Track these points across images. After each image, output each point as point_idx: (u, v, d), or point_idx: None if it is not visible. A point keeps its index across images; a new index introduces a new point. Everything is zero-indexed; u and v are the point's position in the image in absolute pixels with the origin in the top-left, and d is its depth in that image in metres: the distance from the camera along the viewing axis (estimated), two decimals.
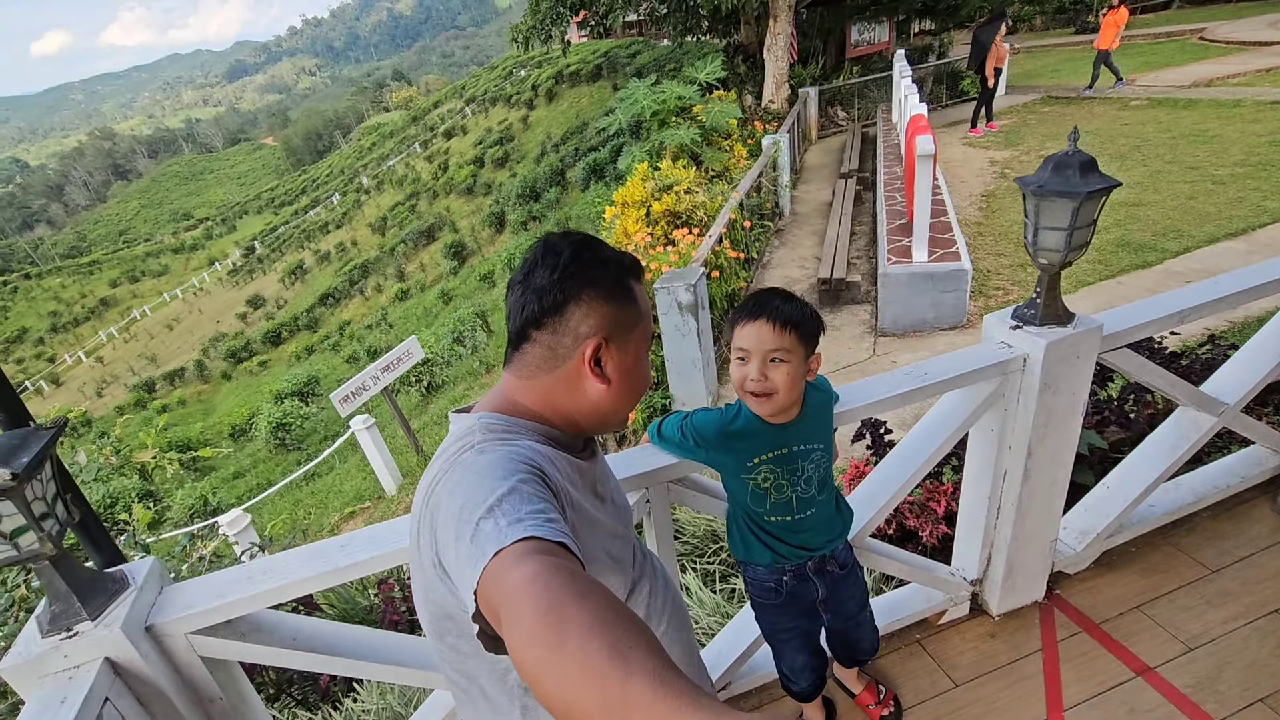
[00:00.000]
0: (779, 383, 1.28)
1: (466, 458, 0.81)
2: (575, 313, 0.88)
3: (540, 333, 0.90)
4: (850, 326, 5.67)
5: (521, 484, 0.73)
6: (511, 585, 0.57)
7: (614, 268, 0.92)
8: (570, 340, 0.89)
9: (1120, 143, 8.93)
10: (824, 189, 9.77)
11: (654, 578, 1.10)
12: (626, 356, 0.93)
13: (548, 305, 0.88)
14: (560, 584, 0.55)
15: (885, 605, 2.08)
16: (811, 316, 1.31)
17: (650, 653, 0.48)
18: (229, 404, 21.45)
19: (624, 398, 0.95)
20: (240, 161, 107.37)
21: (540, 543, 0.63)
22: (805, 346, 1.30)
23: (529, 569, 0.58)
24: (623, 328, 0.91)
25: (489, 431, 0.86)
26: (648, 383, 1.00)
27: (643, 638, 0.50)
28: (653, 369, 1.12)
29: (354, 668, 1.38)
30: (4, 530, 1.06)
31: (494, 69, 54.08)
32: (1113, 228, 6.42)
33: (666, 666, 0.47)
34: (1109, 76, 11.61)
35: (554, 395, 0.92)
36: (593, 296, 0.88)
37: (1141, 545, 2.26)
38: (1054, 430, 1.77)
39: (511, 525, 0.66)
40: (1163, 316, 1.78)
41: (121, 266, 58.73)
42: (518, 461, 0.79)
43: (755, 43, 14.72)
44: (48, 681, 1.12)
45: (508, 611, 0.56)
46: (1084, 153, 1.50)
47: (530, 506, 0.69)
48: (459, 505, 0.73)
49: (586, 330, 0.89)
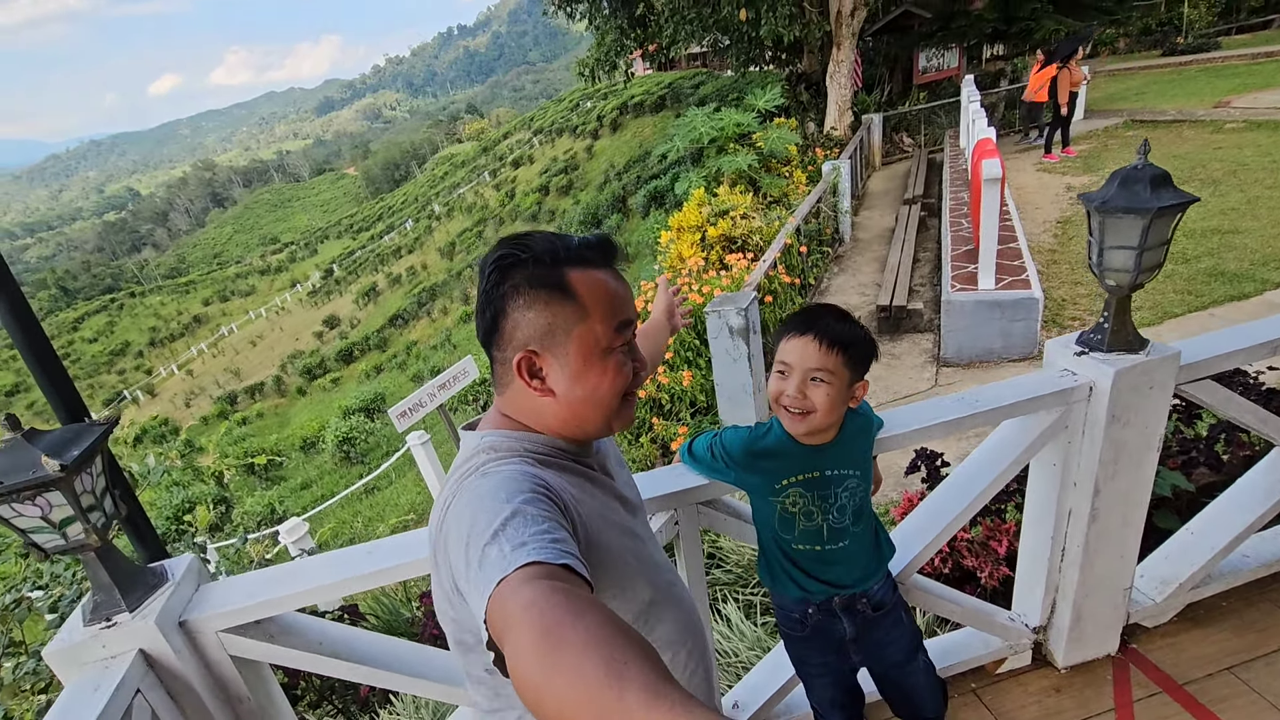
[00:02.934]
0: (817, 403, 1.22)
1: (471, 481, 0.81)
2: (505, 325, 0.85)
3: (493, 351, 0.89)
4: (911, 355, 5.46)
5: (525, 505, 0.73)
6: (511, 613, 0.58)
7: (538, 264, 0.84)
8: (511, 353, 0.86)
9: (1214, 167, 8.37)
10: (887, 215, 9.54)
11: (681, 591, 1.07)
12: (569, 362, 0.86)
13: (485, 324, 0.87)
14: (555, 605, 0.56)
15: (937, 648, 1.94)
16: (864, 340, 1.25)
17: (646, 666, 0.49)
18: (302, 418, 22.50)
19: (580, 406, 0.88)
20: (324, 190, 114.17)
21: (542, 567, 0.63)
22: (851, 370, 1.23)
23: (526, 596, 0.59)
24: (558, 332, 0.84)
25: (492, 451, 0.86)
26: (614, 381, 0.89)
27: (638, 651, 0.50)
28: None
29: (377, 677, 1.38)
30: (53, 519, 1.11)
31: (561, 101, 55.87)
32: (1204, 256, 6.00)
33: (662, 679, 0.47)
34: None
35: (522, 408, 0.91)
36: (516, 305, 0.84)
37: (1234, 600, 2.04)
38: (1125, 467, 1.63)
39: (515, 550, 0.66)
40: (1250, 346, 1.63)
41: (214, 286, 63.03)
42: (521, 480, 0.78)
43: (818, 71, 14.68)
44: (86, 669, 1.16)
45: (508, 639, 0.57)
46: (1155, 166, 1.39)
47: (534, 529, 0.69)
48: (466, 531, 0.73)
49: (518, 342, 0.85)
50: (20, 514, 1.09)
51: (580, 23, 16.78)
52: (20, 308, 1.17)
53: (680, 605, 1.04)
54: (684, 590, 1.10)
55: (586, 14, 16.31)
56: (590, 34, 17.23)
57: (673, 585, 1.05)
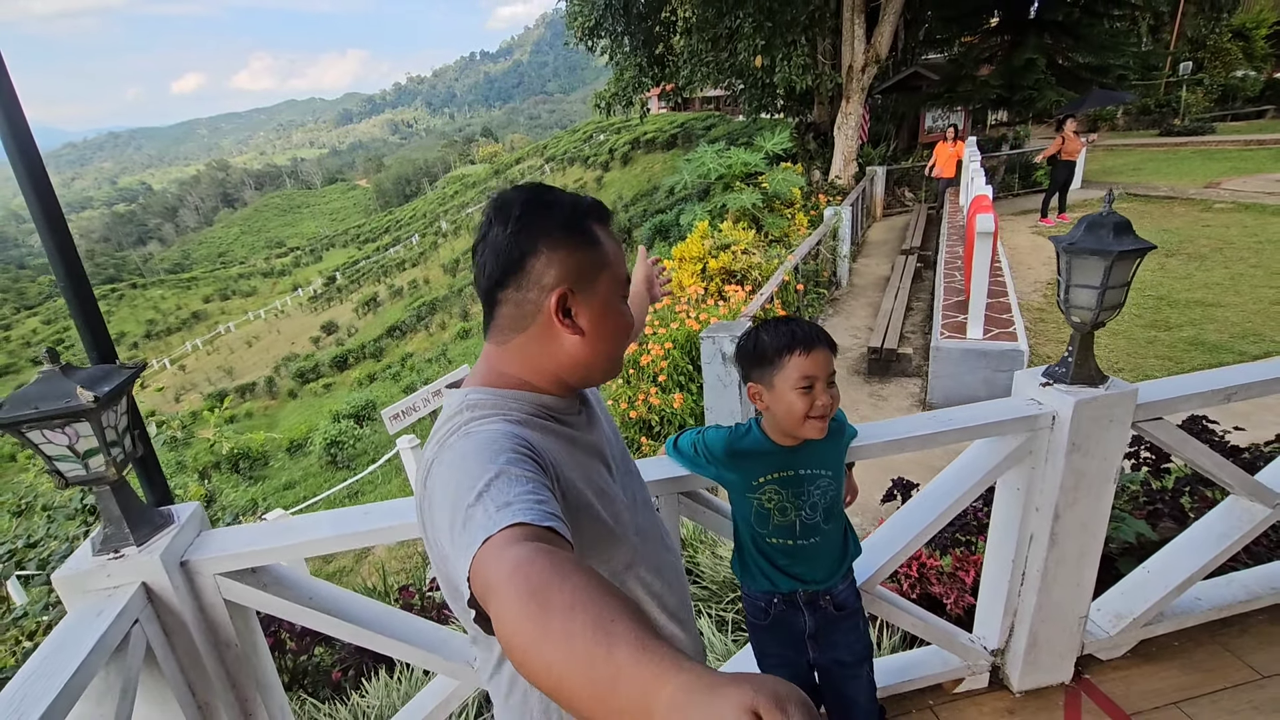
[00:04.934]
0: (836, 402, 1.34)
1: (453, 441, 0.82)
2: (535, 265, 0.86)
3: (505, 292, 0.88)
4: (898, 398, 5.58)
5: (509, 465, 0.74)
6: (496, 574, 0.59)
7: (568, 211, 0.88)
8: (535, 294, 0.87)
9: (1201, 243, 8.65)
10: (884, 264, 9.77)
11: (664, 549, 1.09)
12: (595, 302, 0.90)
13: (506, 262, 0.86)
14: (540, 568, 0.56)
15: (898, 664, 2.01)
16: None
17: (633, 623, 0.49)
18: (291, 420, 22.38)
19: (601, 345, 0.92)
20: (335, 199, 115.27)
21: (527, 528, 0.64)
22: None
23: (511, 557, 0.59)
24: (587, 273, 0.88)
25: (475, 409, 0.87)
26: (627, 329, 0.95)
27: (624, 609, 0.51)
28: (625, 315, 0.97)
29: (360, 635, 1.44)
30: (78, 449, 1.19)
31: (575, 132, 57.03)
32: (1186, 326, 6.18)
33: (650, 634, 0.48)
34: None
35: (532, 355, 0.91)
36: (551, 245, 0.86)
37: (1185, 640, 2.11)
38: (1084, 495, 1.72)
39: (500, 510, 0.66)
40: (1206, 391, 1.74)
41: (216, 284, 63.15)
42: (504, 440, 0.79)
43: (827, 121, 15.13)
44: (90, 596, 1.23)
45: (493, 601, 0.57)
46: (1118, 214, 1.52)
47: (518, 489, 0.70)
48: (452, 492, 0.74)
49: (550, 281, 0.86)
50: (50, 440, 1.17)
51: (601, 57, 17.29)
52: (68, 253, 1.27)
53: (662, 564, 1.06)
54: (670, 555, 1.11)
55: (608, 49, 16.83)
56: (609, 69, 17.75)
57: (654, 544, 1.06)
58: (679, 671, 0.43)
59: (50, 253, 1.25)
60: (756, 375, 1.36)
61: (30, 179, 1.22)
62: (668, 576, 1.07)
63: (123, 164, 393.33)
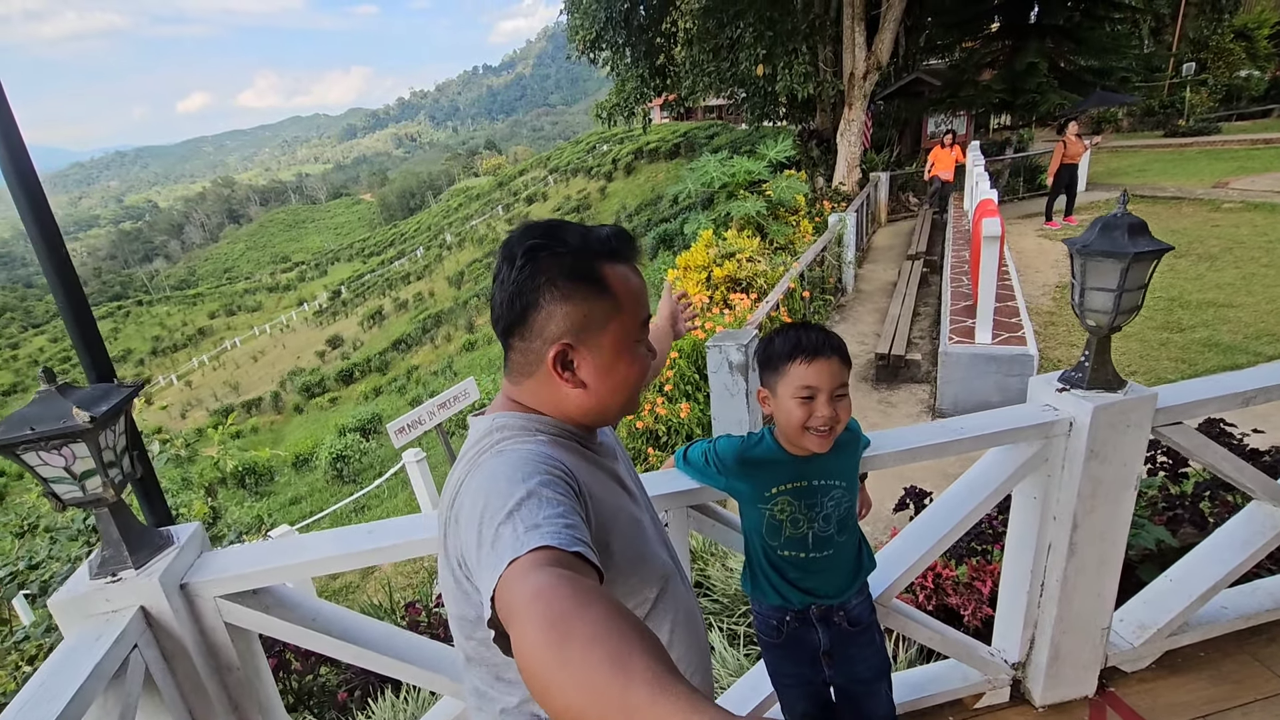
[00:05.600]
0: (842, 416, 1.28)
1: (485, 460, 0.81)
2: (537, 318, 0.84)
3: (512, 340, 0.88)
4: (907, 405, 5.53)
5: (541, 486, 0.73)
6: (519, 597, 0.58)
7: (574, 258, 0.84)
8: (539, 344, 0.85)
9: (1211, 243, 8.58)
10: (889, 270, 9.73)
11: (682, 582, 1.07)
12: (603, 354, 0.87)
13: (511, 314, 0.85)
14: (563, 596, 0.56)
15: (916, 679, 1.96)
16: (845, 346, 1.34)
17: (652, 659, 0.49)
18: (297, 435, 22.42)
19: (609, 396, 0.90)
20: (339, 213, 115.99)
21: (554, 552, 0.63)
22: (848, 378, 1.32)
23: (535, 582, 0.58)
24: (593, 324, 0.85)
25: (506, 430, 0.86)
26: (641, 373, 0.93)
27: (644, 644, 0.50)
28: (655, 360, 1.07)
29: (364, 657, 1.41)
30: (75, 471, 1.17)
31: (578, 143, 57.33)
32: (1199, 327, 6.12)
33: (667, 672, 0.47)
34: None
35: (542, 398, 0.90)
36: (553, 297, 0.83)
37: (1211, 650, 2.06)
38: (1103, 503, 1.68)
39: (529, 532, 0.65)
40: (1226, 394, 1.70)
41: (221, 300, 63.54)
42: (537, 461, 0.78)
43: (830, 128, 15.16)
44: (88, 621, 1.20)
45: (514, 625, 0.56)
46: (1133, 215, 1.49)
47: (548, 511, 0.69)
48: (480, 509, 0.73)
49: (551, 334, 0.84)
50: (46, 462, 1.14)
51: (603, 69, 17.39)
52: (66, 272, 1.26)
53: (681, 599, 1.04)
54: (685, 584, 1.10)
55: (610, 61, 16.92)
56: (611, 80, 17.84)
57: (677, 578, 1.05)
58: (694, 714, 0.43)
59: (48, 272, 1.24)
60: (765, 379, 1.34)
61: (27, 199, 1.21)
62: (686, 605, 1.06)
63: (129, 182, 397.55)
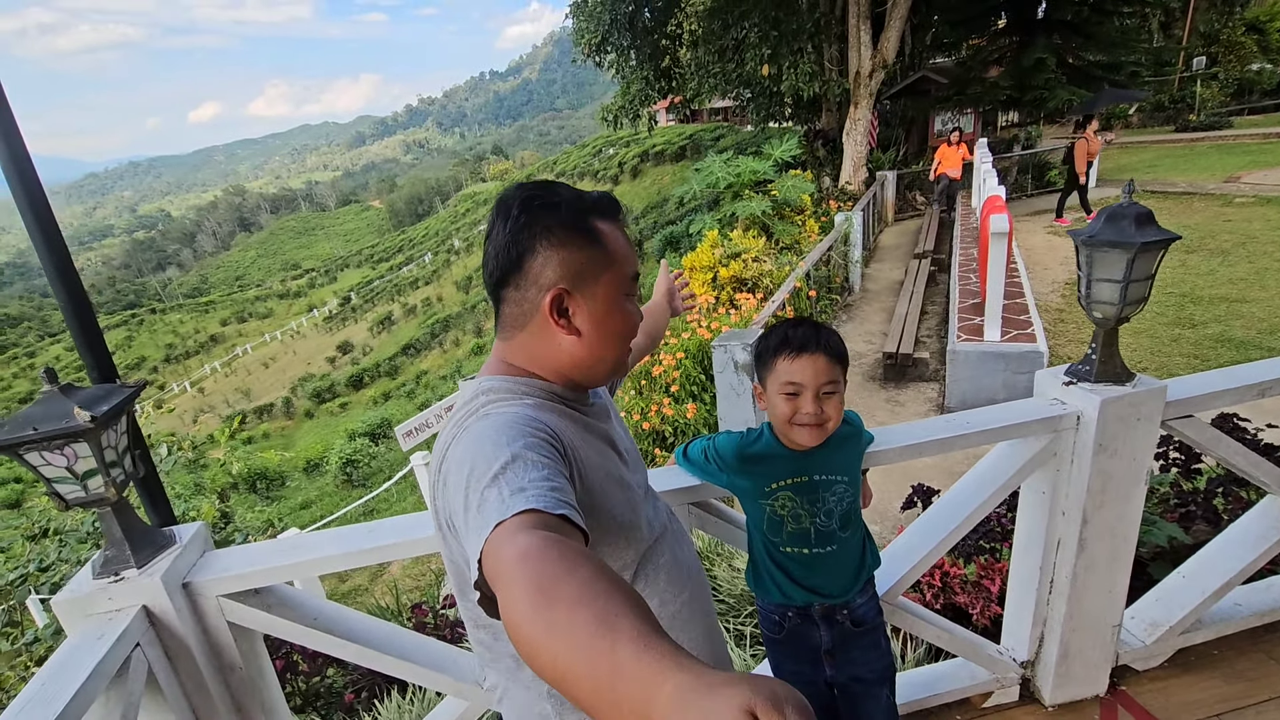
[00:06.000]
0: (831, 413, 1.28)
1: (471, 423, 0.82)
2: (533, 264, 0.85)
3: (507, 290, 0.88)
4: (915, 403, 5.49)
5: (526, 449, 0.73)
6: (506, 560, 0.58)
7: (570, 209, 0.86)
8: (534, 292, 0.86)
9: (1223, 238, 8.47)
10: (897, 269, 9.68)
11: (676, 544, 1.06)
12: (596, 303, 0.88)
13: (506, 262, 0.86)
14: (550, 559, 0.56)
15: (924, 678, 1.93)
16: (843, 344, 1.32)
17: (637, 619, 0.49)
18: (308, 440, 22.57)
19: (601, 346, 0.91)
20: (349, 220, 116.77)
21: (539, 515, 0.63)
22: (844, 375, 1.30)
23: (521, 545, 0.59)
24: (588, 273, 0.87)
25: (492, 394, 0.87)
26: (631, 330, 0.94)
27: (629, 604, 0.51)
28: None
29: (366, 655, 1.41)
30: (77, 470, 1.17)
31: (585, 147, 57.46)
32: (1212, 323, 6.04)
33: (653, 631, 0.48)
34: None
35: (535, 351, 0.90)
36: (549, 244, 0.85)
37: (1225, 648, 2.02)
38: (1113, 498, 1.65)
39: (514, 495, 0.66)
40: (1238, 387, 1.67)
41: (233, 307, 64.06)
42: (522, 424, 0.78)
43: (836, 128, 15.11)
44: (91, 620, 1.21)
45: (501, 588, 0.57)
46: (1139, 205, 1.47)
47: (534, 474, 0.69)
48: (466, 472, 0.73)
49: (547, 280, 0.85)
50: (49, 462, 1.15)
51: (609, 72, 17.42)
52: (68, 273, 1.27)
53: (678, 558, 1.03)
54: (685, 546, 1.09)
55: (615, 64, 16.95)
56: (617, 83, 17.88)
57: (668, 539, 1.04)
58: (678, 670, 0.43)
59: (51, 275, 1.25)
60: (758, 375, 1.36)
61: (30, 204, 1.22)
62: (686, 572, 1.05)
63: (142, 192, 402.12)
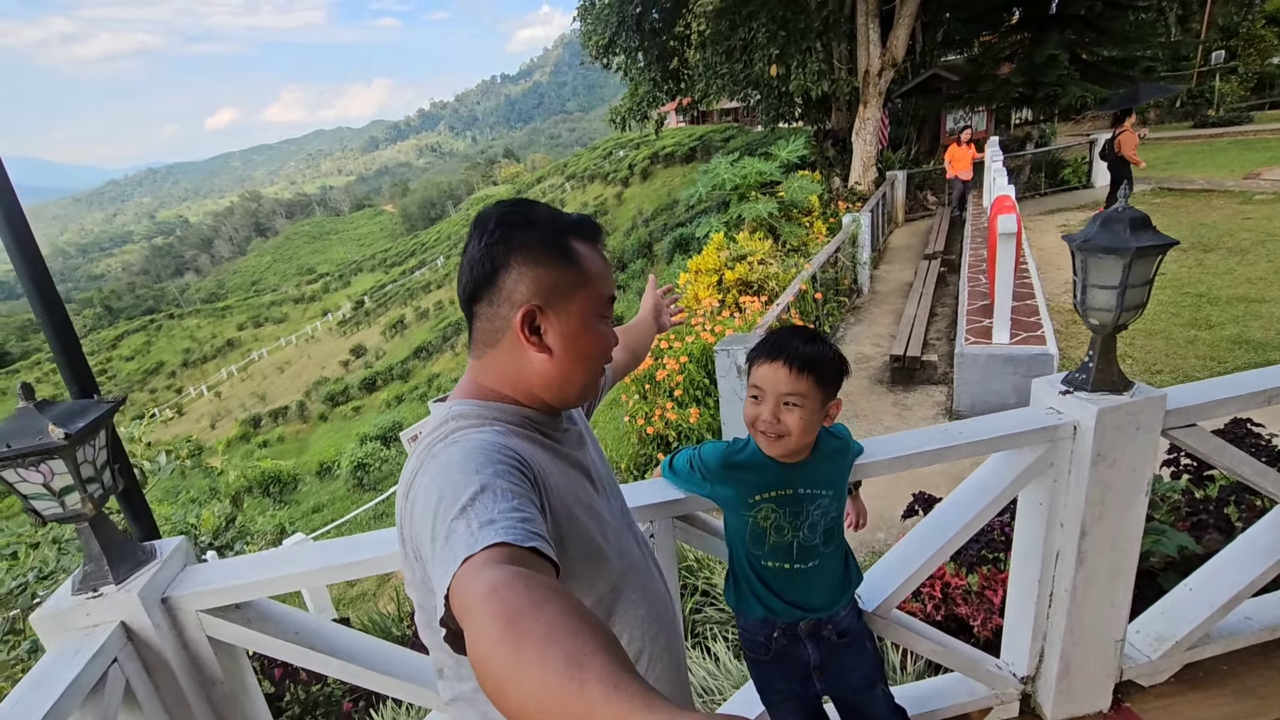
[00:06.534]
0: (791, 426, 1.24)
1: (439, 449, 0.81)
2: (506, 280, 0.85)
3: (479, 306, 0.88)
4: (923, 407, 5.42)
5: (496, 478, 0.72)
6: (474, 596, 0.58)
7: (546, 228, 0.87)
8: (506, 309, 0.86)
9: (1242, 236, 8.31)
10: (906, 270, 9.59)
11: (648, 577, 1.04)
12: (570, 322, 0.88)
13: (479, 276, 0.86)
14: (519, 594, 0.55)
15: (920, 693, 1.90)
16: (832, 360, 1.28)
17: (608, 657, 0.48)
18: (322, 444, 22.77)
19: (571, 366, 0.90)
20: (362, 225, 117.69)
21: (508, 549, 0.62)
22: (823, 391, 1.26)
23: (490, 580, 0.58)
24: (561, 291, 0.87)
25: (461, 419, 0.85)
26: (604, 349, 0.93)
27: (600, 642, 0.50)
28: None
29: (348, 671, 1.40)
30: (54, 487, 1.17)
31: (595, 149, 57.58)
32: (1229, 324, 5.92)
33: (623, 670, 0.47)
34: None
35: (506, 370, 0.90)
36: (522, 261, 0.85)
37: (1235, 664, 1.96)
38: (1113, 509, 1.61)
39: (483, 527, 0.65)
40: (1243, 394, 1.62)
41: (249, 312, 64.81)
42: (491, 451, 0.77)
43: (845, 128, 15.01)
44: (69, 635, 1.21)
45: (469, 625, 0.56)
46: (1135, 209, 1.43)
47: (503, 504, 0.68)
48: (434, 501, 0.72)
49: (519, 297, 0.85)
50: (24, 479, 1.15)
51: (617, 74, 17.43)
52: (45, 288, 1.27)
53: (648, 593, 1.02)
54: (657, 580, 1.07)
55: (623, 65, 16.95)
56: (626, 85, 17.88)
57: (641, 571, 1.03)
58: (649, 711, 0.42)
59: (28, 288, 1.25)
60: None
61: (5, 217, 1.22)
62: (656, 606, 1.03)
63: (161, 198, 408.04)
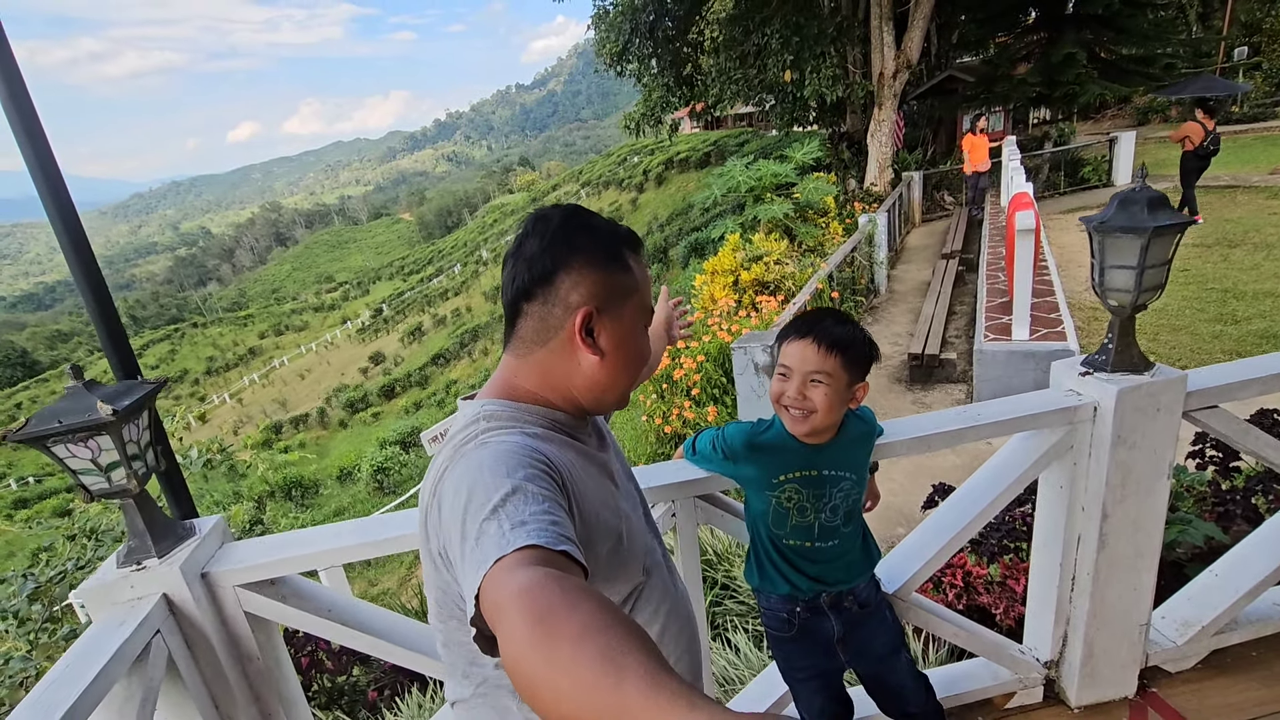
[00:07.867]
0: (818, 403, 1.26)
1: (469, 450, 0.81)
2: (565, 281, 0.86)
3: (531, 304, 0.88)
4: (942, 405, 5.38)
5: (526, 481, 0.72)
6: (506, 598, 0.58)
7: (606, 235, 0.90)
8: (561, 310, 0.87)
9: (1268, 231, 8.17)
10: (924, 269, 9.53)
11: (669, 574, 1.07)
12: (620, 327, 0.90)
13: (537, 274, 0.86)
14: (550, 594, 0.55)
15: (944, 677, 1.89)
16: (862, 342, 1.29)
17: (644, 656, 0.48)
18: (342, 449, 23.02)
19: (619, 371, 0.92)
20: (380, 233, 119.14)
21: (540, 551, 0.63)
22: (850, 372, 1.27)
23: (522, 581, 0.58)
24: (616, 297, 0.89)
25: (492, 420, 0.85)
26: (645, 358, 0.97)
27: (635, 641, 0.50)
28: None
29: (377, 646, 1.43)
30: (101, 463, 1.23)
31: (610, 156, 57.88)
32: (1255, 318, 5.82)
33: (660, 668, 0.47)
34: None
35: (550, 371, 0.90)
36: (583, 264, 0.86)
37: (1264, 650, 1.94)
38: (1134, 492, 1.61)
39: (515, 529, 0.65)
40: (1265, 376, 1.61)
41: (270, 321, 65.80)
42: (522, 454, 0.77)
43: (860, 130, 14.96)
44: (114, 608, 1.26)
45: (502, 626, 0.56)
46: (1152, 189, 1.44)
47: (534, 507, 0.69)
48: (464, 502, 0.72)
49: (577, 299, 0.86)
50: (74, 454, 1.21)
51: (631, 80, 17.53)
52: (94, 277, 1.33)
53: (668, 590, 1.04)
54: (676, 577, 1.10)
55: (636, 72, 17.05)
56: (640, 92, 17.98)
57: (663, 570, 1.05)
58: (691, 710, 0.42)
59: (77, 277, 1.31)
60: None
61: (59, 213, 1.28)
62: (677, 602, 1.06)
63: (184, 210, 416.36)
